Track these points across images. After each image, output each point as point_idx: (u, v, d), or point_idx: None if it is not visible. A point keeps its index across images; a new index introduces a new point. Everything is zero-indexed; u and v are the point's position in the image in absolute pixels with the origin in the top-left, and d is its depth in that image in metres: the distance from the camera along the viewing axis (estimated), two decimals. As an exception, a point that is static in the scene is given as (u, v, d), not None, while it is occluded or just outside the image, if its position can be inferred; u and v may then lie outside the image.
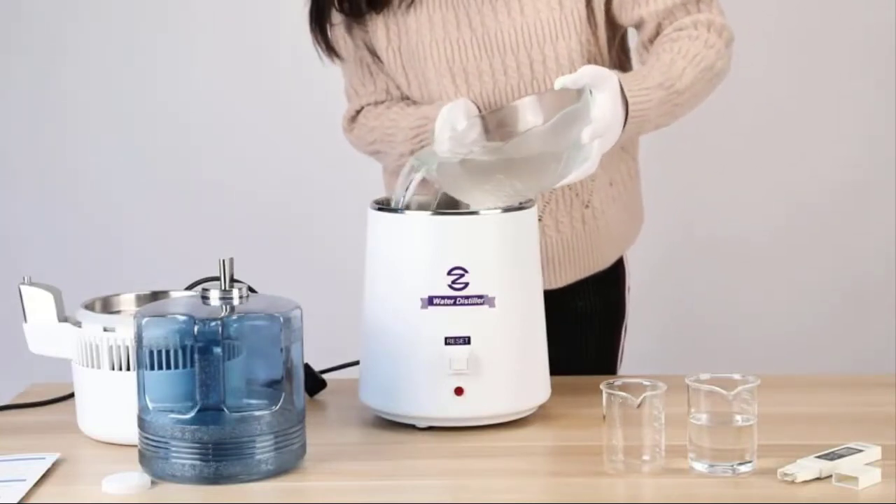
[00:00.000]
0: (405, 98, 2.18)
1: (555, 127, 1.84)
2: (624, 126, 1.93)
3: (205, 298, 1.69)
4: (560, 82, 1.89)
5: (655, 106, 1.98)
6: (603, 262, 2.23)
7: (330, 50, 2.17)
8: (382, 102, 2.19)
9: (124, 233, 3.41)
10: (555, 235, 2.16)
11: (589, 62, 2.08)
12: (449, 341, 1.81)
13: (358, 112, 2.21)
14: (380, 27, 2.13)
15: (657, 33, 2.09)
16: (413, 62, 2.13)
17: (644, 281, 3.38)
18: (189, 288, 1.92)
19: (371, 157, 2.25)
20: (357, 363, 1.94)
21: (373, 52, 2.17)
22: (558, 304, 2.07)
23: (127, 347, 1.76)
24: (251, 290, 1.73)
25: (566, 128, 1.84)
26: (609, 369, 2.26)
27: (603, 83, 1.89)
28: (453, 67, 2.10)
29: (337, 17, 2.15)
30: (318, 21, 2.16)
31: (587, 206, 2.17)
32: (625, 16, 2.10)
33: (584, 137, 1.85)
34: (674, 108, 2.01)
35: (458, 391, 1.82)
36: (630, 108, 1.94)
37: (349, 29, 2.15)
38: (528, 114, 1.97)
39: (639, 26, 2.12)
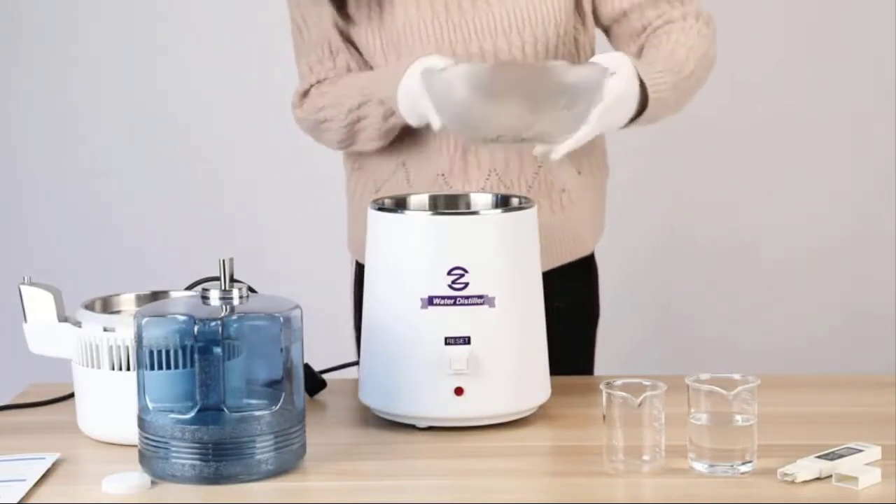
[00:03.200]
0: None
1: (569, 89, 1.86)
2: (646, 107, 1.97)
3: (205, 298, 1.68)
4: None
5: (671, 88, 2.01)
6: (577, 251, 2.20)
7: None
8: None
9: (124, 233, 3.42)
10: None
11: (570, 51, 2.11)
12: (449, 341, 1.81)
13: (311, 87, 2.16)
14: (361, 5, 2.09)
15: (642, 27, 2.10)
16: (396, 43, 2.09)
17: (644, 282, 3.39)
18: (189, 288, 1.92)
19: (316, 131, 2.17)
20: (357, 363, 1.93)
21: (341, 31, 2.12)
22: None
23: (127, 347, 1.76)
24: (251, 290, 1.73)
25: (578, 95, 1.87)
26: (586, 369, 2.24)
27: (618, 66, 1.93)
28: (442, 49, 2.07)
29: None
30: None
31: (564, 191, 2.14)
32: (606, 7, 2.11)
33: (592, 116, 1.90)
34: (683, 94, 2.05)
35: (458, 391, 1.81)
36: (649, 89, 1.97)
37: (319, 3, 2.11)
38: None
39: (618, 20, 2.12)
